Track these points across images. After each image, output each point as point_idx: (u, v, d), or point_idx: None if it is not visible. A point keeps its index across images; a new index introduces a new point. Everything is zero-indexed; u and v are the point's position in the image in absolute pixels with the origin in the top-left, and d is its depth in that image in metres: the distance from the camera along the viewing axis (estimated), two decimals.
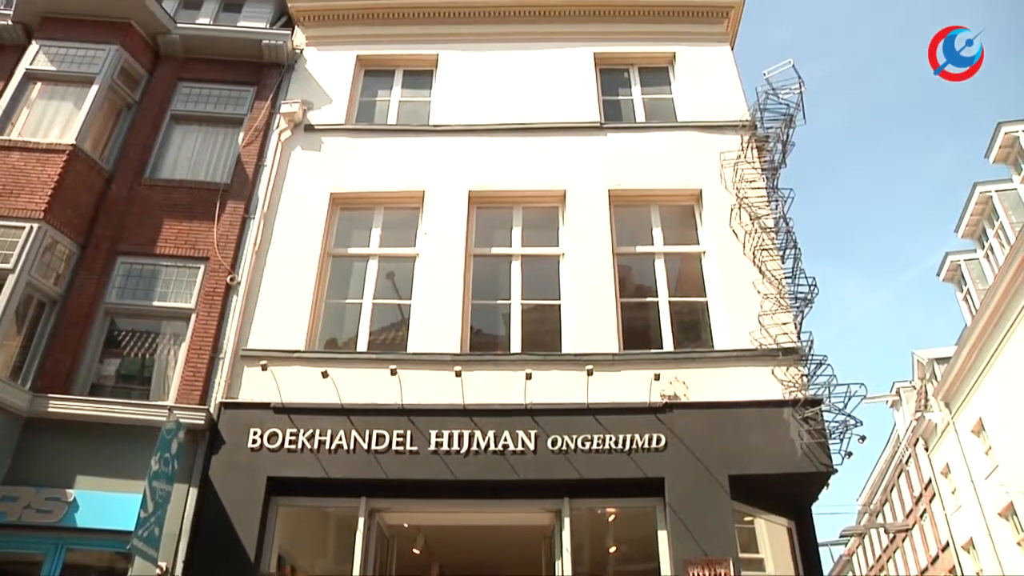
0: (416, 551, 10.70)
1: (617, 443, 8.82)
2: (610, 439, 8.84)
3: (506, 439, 8.88)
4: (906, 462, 33.92)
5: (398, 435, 8.93)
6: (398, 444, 8.89)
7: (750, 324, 9.65)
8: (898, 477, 36.13)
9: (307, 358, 9.60)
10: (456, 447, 8.86)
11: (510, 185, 11.23)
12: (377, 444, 8.89)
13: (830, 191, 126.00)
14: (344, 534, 8.98)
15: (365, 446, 8.88)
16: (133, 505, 7.50)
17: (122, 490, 8.38)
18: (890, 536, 37.89)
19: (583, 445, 8.83)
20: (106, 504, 8.44)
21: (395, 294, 10.75)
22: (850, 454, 8.82)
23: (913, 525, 33.47)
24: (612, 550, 9.84)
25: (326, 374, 9.17)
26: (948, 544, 28.23)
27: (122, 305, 10.28)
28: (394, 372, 9.16)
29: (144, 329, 10.27)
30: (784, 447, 8.79)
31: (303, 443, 8.91)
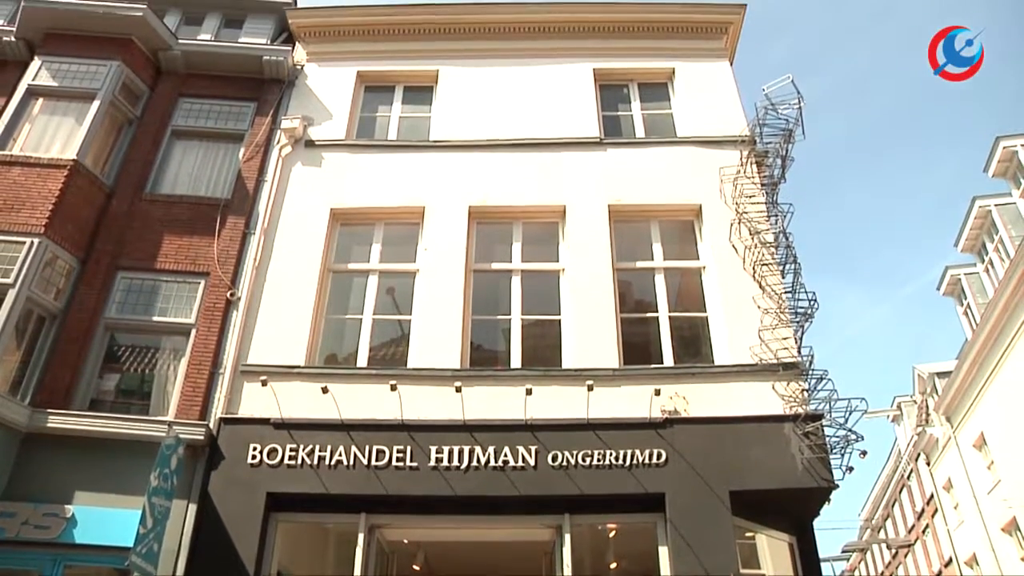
0: (416, 567, 10.66)
1: (617, 459, 8.80)
2: (610, 455, 8.82)
3: (506, 455, 8.86)
4: (908, 477, 33.83)
5: (398, 451, 8.92)
6: (398, 460, 8.87)
7: (750, 339, 9.65)
8: (900, 492, 36.02)
9: (307, 373, 9.59)
10: (456, 463, 8.84)
11: (510, 200, 11.26)
12: (377, 460, 8.88)
13: (830, 206, 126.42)
14: (344, 550, 8.93)
15: (365, 462, 8.86)
16: (132, 521, 7.49)
17: (121, 506, 8.36)
18: (892, 552, 37.75)
19: (583, 461, 8.80)
20: (105, 520, 8.40)
21: (395, 309, 10.74)
22: (851, 469, 8.78)
23: (915, 540, 33.33)
24: (613, 566, 9.77)
25: (326, 389, 9.16)
26: (951, 559, 28.09)
27: (122, 320, 10.28)
28: (394, 387, 9.15)
29: (144, 344, 10.27)
30: (785, 462, 8.77)
31: (303, 459, 8.90)
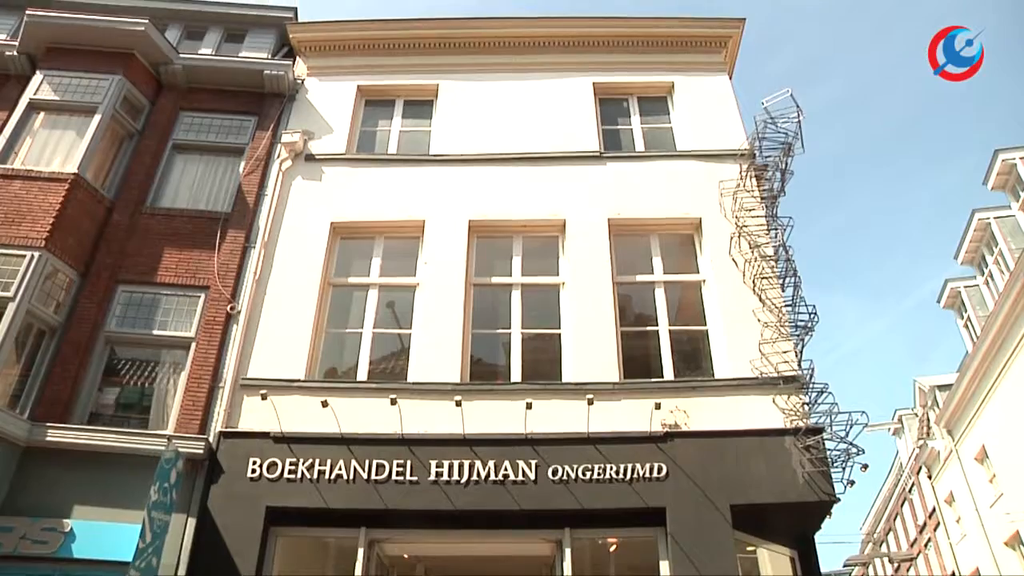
0: None
1: (618, 472, 8.78)
2: (611, 468, 8.80)
3: (506, 469, 8.84)
4: (909, 490, 33.69)
5: (398, 465, 8.89)
6: (398, 474, 8.85)
7: (750, 352, 9.64)
8: (902, 505, 35.86)
9: (307, 387, 9.58)
10: (456, 477, 8.82)
11: (510, 214, 11.28)
12: (377, 474, 8.86)
13: (829, 218, 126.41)
14: (343, 564, 8.91)
15: (365, 476, 8.84)
16: (131, 535, 7.47)
17: (120, 520, 8.34)
18: (895, 566, 37.53)
19: (584, 475, 8.78)
20: (104, 534, 8.37)
21: (395, 323, 10.74)
22: (852, 483, 8.76)
23: (918, 554, 33.14)
24: None
25: (326, 403, 9.13)
26: (954, 574, 27.92)
27: (122, 334, 10.28)
28: (394, 401, 9.13)
29: (144, 358, 10.26)
30: (786, 476, 8.75)
31: (303, 473, 8.88)
